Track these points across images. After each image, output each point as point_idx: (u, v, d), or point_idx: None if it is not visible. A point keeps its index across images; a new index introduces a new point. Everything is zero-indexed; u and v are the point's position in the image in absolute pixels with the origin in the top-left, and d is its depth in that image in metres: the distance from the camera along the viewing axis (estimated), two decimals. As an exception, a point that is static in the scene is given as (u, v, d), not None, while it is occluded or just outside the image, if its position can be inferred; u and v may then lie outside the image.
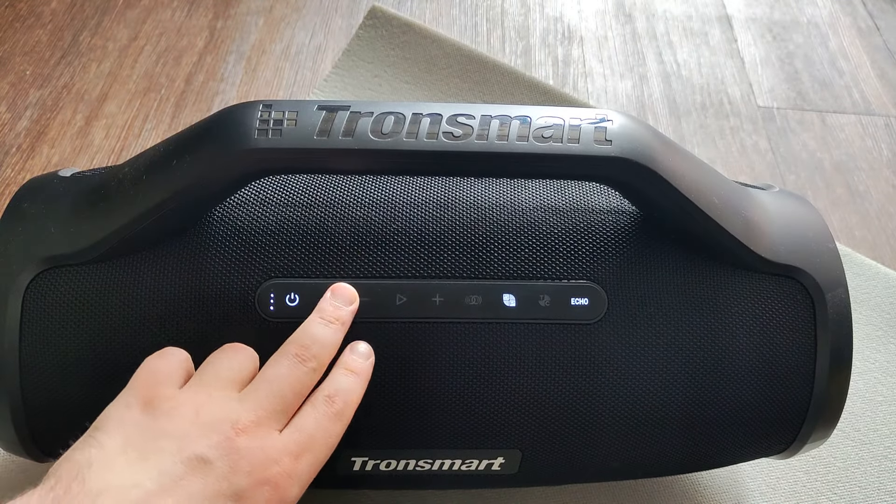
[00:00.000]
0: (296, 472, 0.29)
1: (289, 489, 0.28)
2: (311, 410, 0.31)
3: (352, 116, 0.31)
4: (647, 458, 0.37)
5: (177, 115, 0.67)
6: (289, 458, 0.29)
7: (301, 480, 0.29)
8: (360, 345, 0.33)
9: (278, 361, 0.31)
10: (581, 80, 0.75)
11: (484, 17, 0.81)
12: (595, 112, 0.33)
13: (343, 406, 0.31)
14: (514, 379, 0.34)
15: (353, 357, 0.33)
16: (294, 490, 0.29)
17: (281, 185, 0.37)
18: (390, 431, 0.35)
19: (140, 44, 0.73)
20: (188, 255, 0.34)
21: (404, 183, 0.37)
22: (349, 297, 0.33)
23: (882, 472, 0.47)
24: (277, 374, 0.31)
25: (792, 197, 0.41)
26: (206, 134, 0.32)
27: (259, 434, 0.29)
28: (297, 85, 0.71)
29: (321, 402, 0.31)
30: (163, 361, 0.31)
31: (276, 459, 0.28)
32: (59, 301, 0.33)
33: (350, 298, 0.33)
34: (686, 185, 0.33)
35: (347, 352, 0.33)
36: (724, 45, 0.81)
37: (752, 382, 0.35)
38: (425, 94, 0.69)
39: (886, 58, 0.81)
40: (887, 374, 0.53)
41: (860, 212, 0.65)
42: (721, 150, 0.70)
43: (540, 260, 0.35)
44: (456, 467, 0.37)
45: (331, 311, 0.32)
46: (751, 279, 0.35)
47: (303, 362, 0.31)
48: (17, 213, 0.35)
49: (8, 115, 0.65)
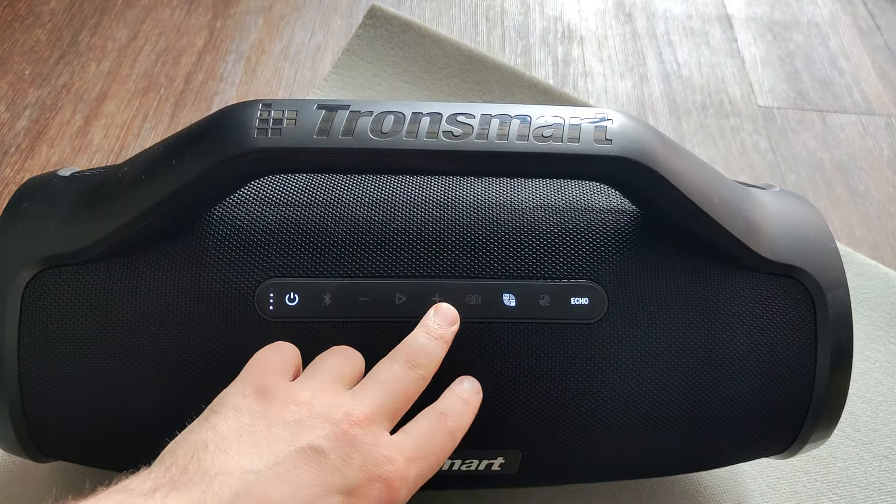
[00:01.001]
0: (407, 475, 0.28)
1: (399, 492, 0.28)
2: (425, 420, 0.30)
3: (351, 116, 0.31)
4: (647, 458, 0.37)
5: (176, 114, 0.67)
6: (402, 459, 0.28)
7: (410, 486, 0.28)
8: (469, 380, 0.33)
9: (388, 364, 0.31)
10: (581, 79, 0.75)
11: (484, 16, 0.81)
12: (595, 111, 0.33)
13: (456, 425, 0.31)
14: (514, 379, 0.34)
15: (465, 388, 0.33)
16: (403, 493, 0.28)
17: (281, 184, 0.37)
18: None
19: (139, 43, 0.73)
20: (187, 255, 0.34)
21: (404, 182, 0.37)
22: (451, 318, 0.33)
23: (882, 472, 0.47)
24: (388, 375, 0.31)
25: (792, 197, 0.41)
26: (205, 133, 0.32)
27: (372, 430, 0.28)
28: (296, 84, 0.71)
29: (436, 415, 0.31)
30: (276, 353, 0.31)
31: (389, 457, 0.28)
32: (58, 301, 0.33)
33: (452, 319, 0.33)
34: (686, 184, 0.33)
35: (458, 383, 0.33)
36: (725, 45, 0.81)
37: (753, 382, 0.35)
38: (425, 94, 0.69)
39: (887, 57, 0.81)
40: (888, 374, 0.53)
41: (860, 211, 0.65)
42: (721, 149, 0.70)
43: (540, 259, 0.35)
44: (456, 467, 0.37)
45: (435, 329, 0.32)
46: (751, 279, 0.35)
47: (412, 368, 0.31)
48: (16, 213, 0.35)
49: (7, 115, 0.65)
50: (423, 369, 0.31)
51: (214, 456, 0.26)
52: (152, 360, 0.33)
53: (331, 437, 0.27)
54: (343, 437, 0.27)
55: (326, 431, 0.27)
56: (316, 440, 0.27)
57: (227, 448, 0.27)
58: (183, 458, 0.26)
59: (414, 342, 0.32)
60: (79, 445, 0.36)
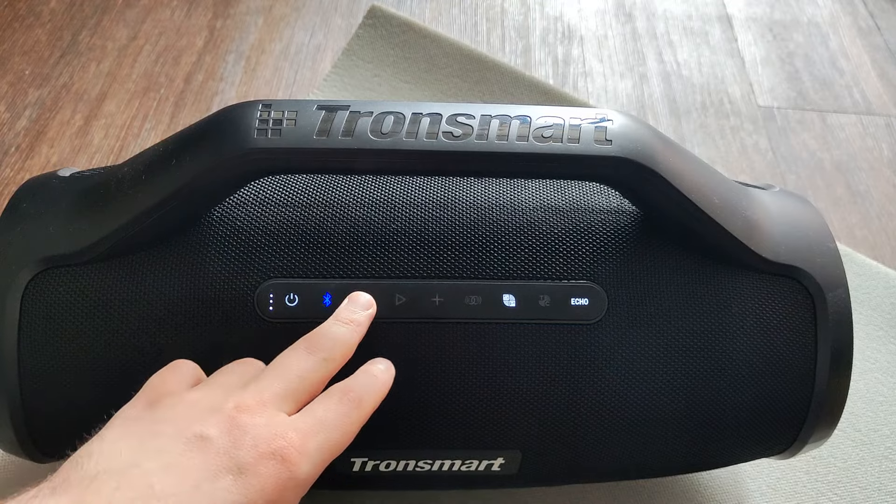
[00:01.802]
0: (304, 448, 0.28)
1: (298, 465, 0.27)
2: (324, 397, 0.30)
3: (351, 116, 0.31)
4: (647, 458, 0.37)
5: (176, 114, 0.67)
6: (296, 433, 0.28)
7: (311, 459, 0.28)
8: (380, 360, 0.33)
9: (286, 354, 0.31)
10: (581, 79, 0.75)
11: (484, 16, 0.81)
12: (595, 112, 0.33)
13: (359, 396, 0.30)
14: (514, 379, 0.34)
15: (375, 367, 0.32)
16: (304, 467, 0.27)
17: (281, 185, 0.37)
18: (390, 432, 0.35)
19: (139, 43, 0.73)
20: (187, 255, 0.34)
21: (404, 183, 0.37)
22: (365, 304, 0.33)
23: (883, 473, 0.47)
24: (284, 363, 0.31)
25: (792, 197, 0.41)
26: (205, 134, 0.32)
27: (264, 412, 0.28)
28: (296, 85, 0.71)
29: (335, 391, 0.30)
30: (172, 373, 0.31)
31: (281, 434, 0.27)
32: (58, 301, 0.33)
33: (366, 304, 0.33)
34: (686, 184, 0.33)
35: (368, 363, 0.33)
36: (725, 45, 0.81)
37: (753, 382, 0.35)
38: (425, 94, 0.69)
39: (887, 57, 0.81)
40: (888, 374, 0.53)
41: (861, 211, 0.65)
42: (721, 149, 0.70)
43: (540, 260, 0.35)
44: (456, 468, 0.37)
45: (345, 314, 0.32)
46: (751, 279, 0.35)
47: (311, 353, 0.31)
48: (16, 213, 0.35)
49: (7, 115, 0.65)
50: (324, 352, 0.31)
51: (97, 461, 0.26)
52: (152, 360, 0.33)
53: (218, 425, 0.27)
54: (231, 423, 0.27)
55: (213, 420, 0.27)
56: (202, 429, 0.27)
57: (110, 452, 0.26)
58: (66, 469, 0.26)
59: (318, 329, 0.32)
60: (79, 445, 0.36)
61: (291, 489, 0.27)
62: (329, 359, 0.31)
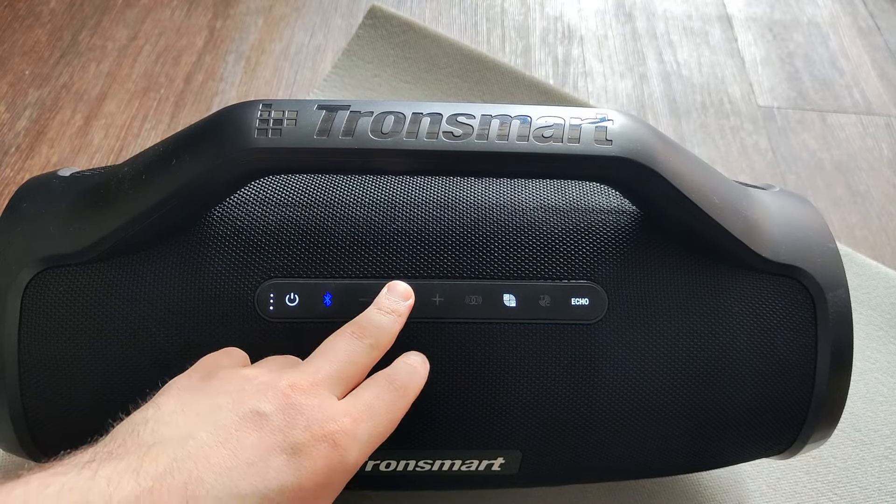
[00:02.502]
0: (355, 434, 0.28)
1: (349, 450, 0.27)
2: (371, 384, 0.30)
3: (352, 116, 0.31)
4: (647, 458, 0.37)
5: (176, 114, 0.67)
6: (348, 418, 0.28)
7: (361, 445, 0.28)
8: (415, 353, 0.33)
9: (335, 337, 0.31)
10: (581, 79, 0.75)
11: (484, 16, 0.81)
12: (595, 112, 0.33)
13: (404, 384, 0.31)
14: (514, 379, 0.34)
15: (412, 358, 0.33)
16: (353, 453, 0.28)
17: (281, 185, 0.37)
18: (390, 432, 0.35)
19: (139, 43, 0.73)
20: (188, 255, 0.34)
21: (404, 183, 0.37)
22: (404, 294, 0.33)
23: (883, 473, 0.47)
24: (333, 347, 0.31)
25: (792, 197, 0.41)
26: (205, 133, 0.32)
27: (317, 394, 0.28)
28: (296, 85, 0.71)
29: (383, 377, 0.31)
30: (223, 354, 0.32)
31: (334, 417, 0.28)
32: (59, 301, 0.33)
33: (405, 295, 0.33)
34: (686, 184, 0.33)
35: (405, 355, 0.33)
36: (725, 45, 0.81)
37: (753, 382, 0.35)
38: (425, 94, 0.69)
39: (887, 57, 0.81)
40: (888, 374, 0.53)
41: (861, 212, 0.65)
42: (721, 149, 0.70)
43: (540, 260, 0.35)
44: (456, 468, 0.37)
45: (387, 304, 0.33)
46: (751, 279, 0.35)
47: (359, 338, 0.31)
48: (16, 213, 0.35)
49: (7, 115, 0.65)
50: (371, 338, 0.31)
51: (154, 429, 0.26)
52: (152, 360, 0.33)
53: (273, 402, 0.27)
54: (286, 401, 0.27)
55: (269, 397, 0.27)
56: (258, 405, 0.27)
57: (167, 422, 0.27)
58: (122, 434, 0.26)
59: (363, 316, 0.32)
60: (79, 445, 0.36)
61: (341, 473, 0.27)
62: (375, 345, 0.31)
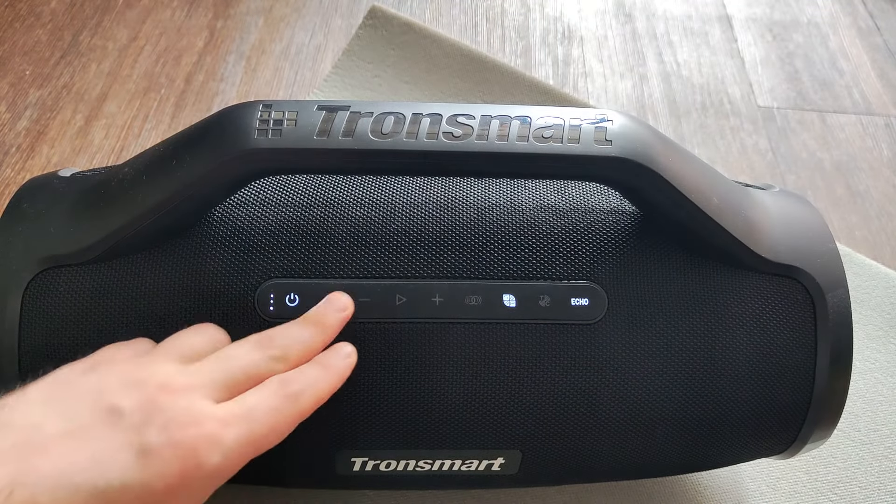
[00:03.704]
0: (221, 439, 0.26)
1: (208, 455, 0.26)
2: (259, 388, 0.29)
3: (352, 116, 0.31)
4: (647, 458, 0.37)
5: (177, 115, 0.67)
6: (214, 422, 0.27)
7: (226, 450, 0.26)
8: (344, 345, 0.32)
9: (237, 344, 0.30)
10: (581, 79, 0.75)
11: (484, 16, 0.81)
12: (595, 112, 0.33)
13: (298, 392, 0.29)
14: (514, 379, 0.34)
15: (330, 354, 0.31)
16: (214, 459, 0.26)
17: (281, 185, 0.37)
18: (390, 432, 0.35)
19: (140, 44, 0.73)
20: (188, 255, 0.34)
21: (404, 183, 0.37)
22: (341, 305, 0.32)
23: (883, 473, 0.47)
24: (231, 353, 0.30)
25: (792, 197, 0.41)
26: (205, 134, 0.32)
27: (187, 396, 0.27)
28: (296, 85, 0.71)
29: (274, 382, 0.29)
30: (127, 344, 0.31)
31: (197, 421, 0.26)
32: (59, 301, 0.33)
33: (341, 306, 0.32)
34: (686, 185, 0.33)
35: (327, 350, 0.31)
36: (725, 45, 0.81)
37: (753, 382, 0.35)
38: (425, 94, 0.69)
39: (886, 58, 0.81)
40: (888, 374, 0.53)
41: (860, 212, 0.65)
42: (721, 150, 0.70)
43: (540, 260, 0.35)
44: (456, 467, 0.37)
45: (314, 316, 0.32)
46: (751, 279, 0.35)
47: (262, 349, 0.30)
48: (16, 213, 0.35)
49: (7, 115, 0.65)
50: (276, 350, 0.30)
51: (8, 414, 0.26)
52: (153, 360, 0.33)
53: (135, 400, 0.27)
54: (148, 401, 0.27)
55: (133, 395, 0.27)
56: (118, 401, 0.26)
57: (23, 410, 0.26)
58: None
59: (278, 328, 0.31)
60: None
61: (198, 479, 0.26)
62: (281, 358, 0.30)
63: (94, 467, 0.25)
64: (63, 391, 0.27)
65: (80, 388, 0.28)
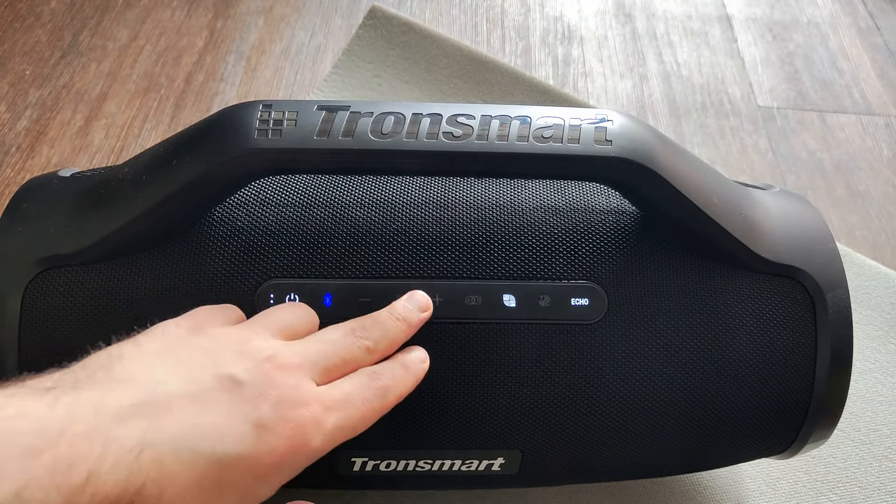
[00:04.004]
0: (324, 422, 0.28)
1: (312, 436, 0.27)
2: (353, 377, 0.30)
3: (352, 116, 0.31)
4: (647, 458, 0.37)
5: (176, 114, 0.67)
6: (319, 405, 0.28)
7: (326, 434, 0.28)
8: (419, 350, 0.33)
9: (334, 328, 0.31)
10: (581, 79, 0.75)
11: (484, 16, 0.81)
12: (595, 112, 0.33)
13: (387, 385, 0.30)
14: (514, 379, 0.34)
15: (409, 355, 0.32)
16: (317, 440, 0.27)
17: (281, 185, 0.37)
18: (390, 432, 0.35)
19: (140, 43, 0.73)
20: (188, 256, 0.34)
21: (404, 183, 0.37)
22: (422, 305, 0.33)
23: (882, 473, 0.47)
24: (329, 337, 0.31)
25: (792, 197, 0.41)
26: (205, 134, 0.32)
27: (295, 375, 0.28)
28: (296, 85, 0.71)
29: (367, 373, 0.30)
30: (221, 309, 0.32)
31: (306, 401, 0.27)
32: (59, 301, 0.33)
33: (423, 306, 0.33)
34: (686, 185, 0.33)
35: (406, 351, 0.33)
36: (725, 45, 0.81)
37: (753, 383, 0.35)
38: (425, 94, 0.69)
39: (886, 57, 0.81)
40: (888, 374, 0.53)
41: (860, 212, 0.65)
42: (721, 150, 0.70)
43: (540, 260, 0.35)
44: (456, 467, 0.37)
45: (399, 310, 0.32)
46: (751, 279, 0.35)
47: (357, 337, 0.31)
48: (16, 213, 0.35)
49: (7, 115, 0.65)
50: (369, 341, 0.31)
51: (127, 367, 0.26)
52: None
53: (250, 371, 0.27)
54: (263, 374, 0.27)
55: (247, 366, 0.27)
56: (235, 371, 0.27)
57: (142, 361, 0.26)
58: (94, 365, 0.26)
59: (371, 316, 0.32)
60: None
61: (299, 457, 0.27)
62: (372, 348, 0.31)
63: (213, 434, 0.25)
64: (176, 348, 0.28)
65: (193, 347, 0.28)
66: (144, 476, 0.24)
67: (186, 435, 0.25)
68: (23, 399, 0.24)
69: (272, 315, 0.31)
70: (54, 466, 0.22)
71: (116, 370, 0.26)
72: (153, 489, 0.24)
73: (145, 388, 0.25)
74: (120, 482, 0.23)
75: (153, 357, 0.27)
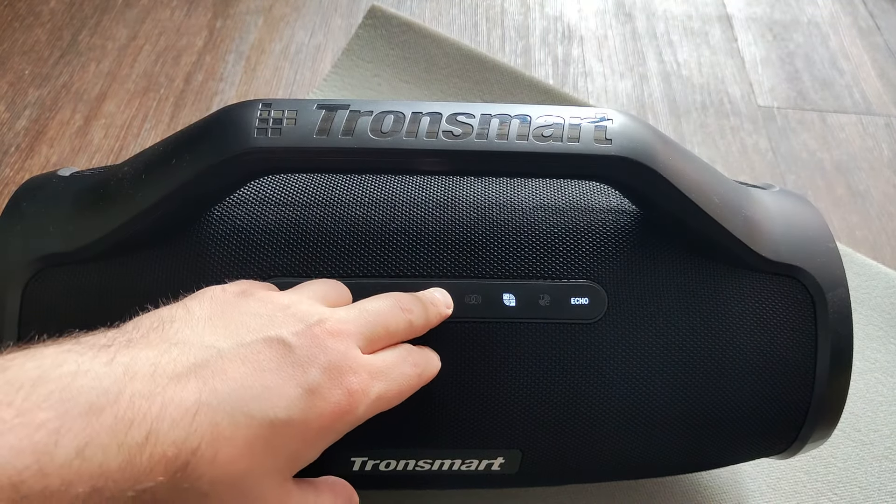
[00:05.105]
0: (369, 390, 0.28)
1: (359, 403, 0.27)
2: (395, 350, 0.30)
3: (351, 115, 0.31)
4: (647, 458, 0.37)
5: (176, 114, 0.67)
6: (366, 373, 0.28)
7: (370, 403, 0.28)
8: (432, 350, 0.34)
9: (378, 297, 0.31)
10: (581, 79, 0.75)
11: (484, 16, 0.81)
12: (595, 111, 0.33)
13: (422, 364, 0.31)
14: (514, 379, 0.34)
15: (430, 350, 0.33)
16: (361, 409, 0.27)
17: (281, 184, 0.37)
18: (390, 431, 0.35)
19: (139, 43, 0.73)
20: (188, 255, 0.34)
21: (404, 182, 0.37)
22: (448, 302, 0.34)
23: (883, 473, 0.47)
24: (376, 306, 0.31)
25: (792, 196, 0.41)
26: (205, 133, 0.32)
27: (344, 341, 0.28)
28: (296, 84, 0.71)
29: (405, 348, 0.31)
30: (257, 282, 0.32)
31: (353, 368, 0.28)
32: (58, 300, 0.33)
33: (449, 303, 0.34)
34: (686, 184, 0.33)
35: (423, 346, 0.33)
36: (725, 45, 0.81)
37: (753, 382, 0.35)
38: (425, 94, 0.69)
39: (887, 57, 0.81)
40: (888, 374, 0.53)
41: (860, 211, 0.65)
42: (721, 149, 0.70)
43: (540, 259, 0.35)
44: (456, 467, 0.37)
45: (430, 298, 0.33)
46: (751, 279, 0.35)
47: (401, 309, 0.31)
48: (15, 213, 0.35)
49: (7, 115, 0.65)
50: (412, 315, 0.31)
51: (179, 329, 0.26)
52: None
53: (300, 335, 0.27)
54: (313, 338, 0.27)
55: (297, 329, 0.27)
56: (285, 334, 0.27)
57: (194, 326, 0.27)
58: (146, 325, 0.26)
59: (413, 294, 0.32)
60: None
61: (343, 424, 0.27)
62: (412, 324, 0.31)
63: (265, 397, 0.25)
64: (225, 311, 0.28)
65: (241, 310, 0.28)
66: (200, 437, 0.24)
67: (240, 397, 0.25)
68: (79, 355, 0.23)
69: (311, 286, 0.32)
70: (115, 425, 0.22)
71: (169, 332, 0.26)
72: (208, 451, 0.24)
73: (199, 351, 0.25)
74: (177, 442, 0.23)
75: (204, 321, 0.27)
